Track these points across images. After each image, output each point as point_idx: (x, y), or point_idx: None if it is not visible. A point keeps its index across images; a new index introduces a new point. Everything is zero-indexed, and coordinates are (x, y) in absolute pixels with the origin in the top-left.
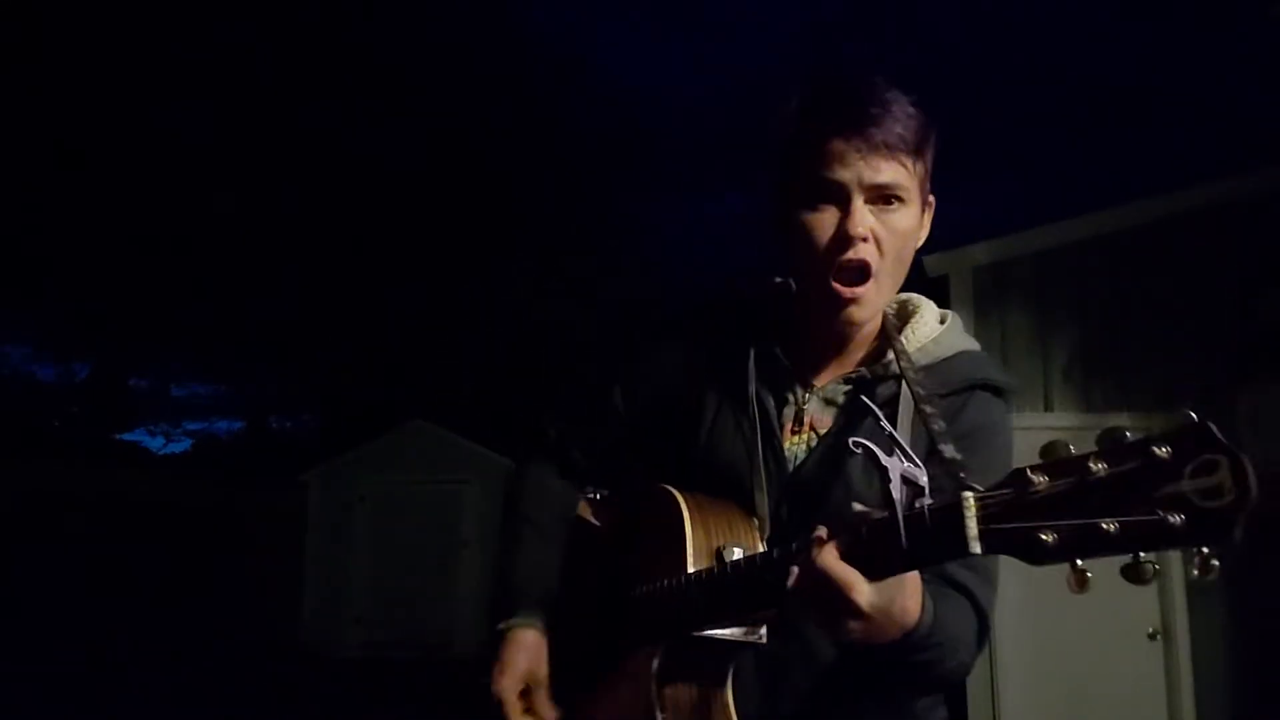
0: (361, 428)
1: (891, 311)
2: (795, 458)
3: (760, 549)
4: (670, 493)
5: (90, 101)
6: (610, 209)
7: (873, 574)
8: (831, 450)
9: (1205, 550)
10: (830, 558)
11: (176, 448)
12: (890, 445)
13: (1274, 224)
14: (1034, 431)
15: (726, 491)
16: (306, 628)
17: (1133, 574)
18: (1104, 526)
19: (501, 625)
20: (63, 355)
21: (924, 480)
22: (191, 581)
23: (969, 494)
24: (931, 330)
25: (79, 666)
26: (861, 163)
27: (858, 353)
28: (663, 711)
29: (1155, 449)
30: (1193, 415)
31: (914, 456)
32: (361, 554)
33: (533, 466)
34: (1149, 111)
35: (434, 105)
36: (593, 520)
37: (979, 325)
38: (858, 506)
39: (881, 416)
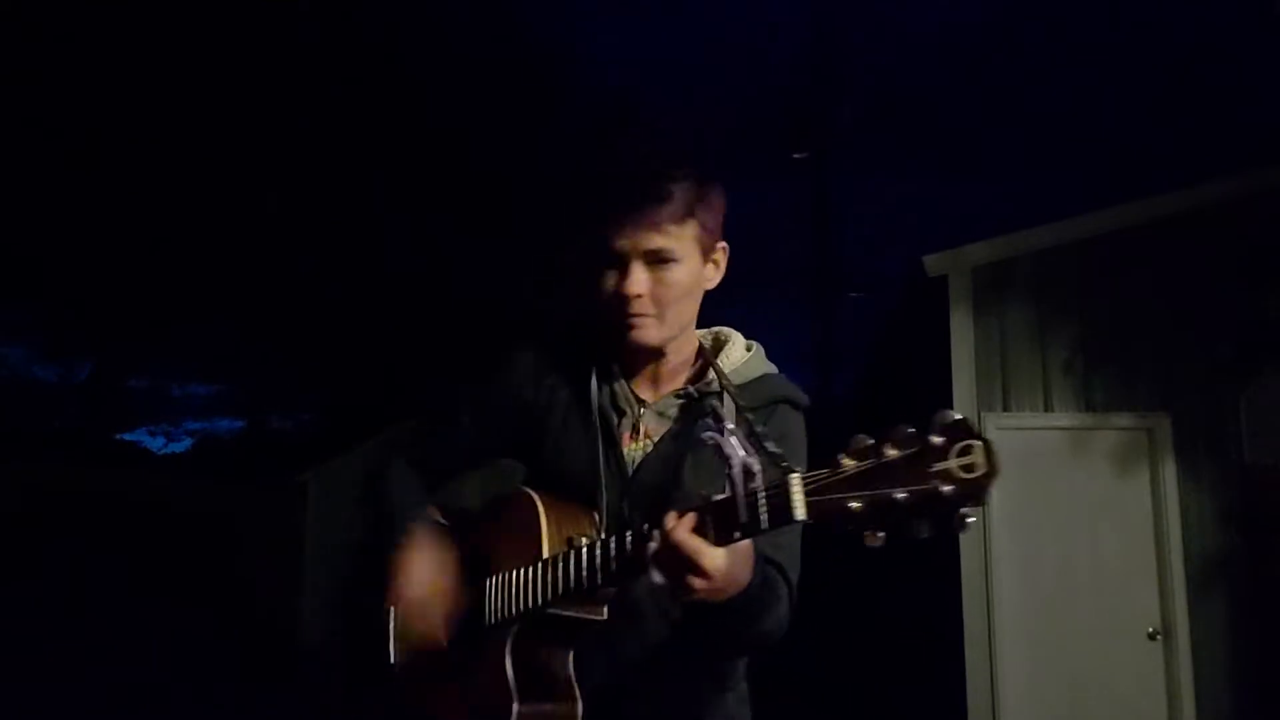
0: (361, 428)
1: (708, 342)
2: (633, 461)
3: (600, 539)
4: (526, 492)
5: (91, 101)
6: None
7: (717, 542)
8: (666, 453)
9: (964, 510)
10: (683, 531)
11: (177, 447)
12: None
13: (1274, 224)
14: (1034, 431)
15: (573, 492)
16: (306, 628)
17: (909, 530)
18: (896, 495)
19: (400, 539)
20: (63, 355)
21: (757, 468)
22: (191, 581)
23: (795, 475)
24: (741, 356)
25: (78, 666)
26: (634, 234)
27: (682, 374)
28: (517, 685)
29: (931, 438)
30: (955, 414)
31: (749, 448)
32: (362, 554)
33: (399, 469)
34: (1149, 111)
35: (433, 105)
36: (446, 522)
37: (979, 325)
38: (701, 491)
39: (724, 416)
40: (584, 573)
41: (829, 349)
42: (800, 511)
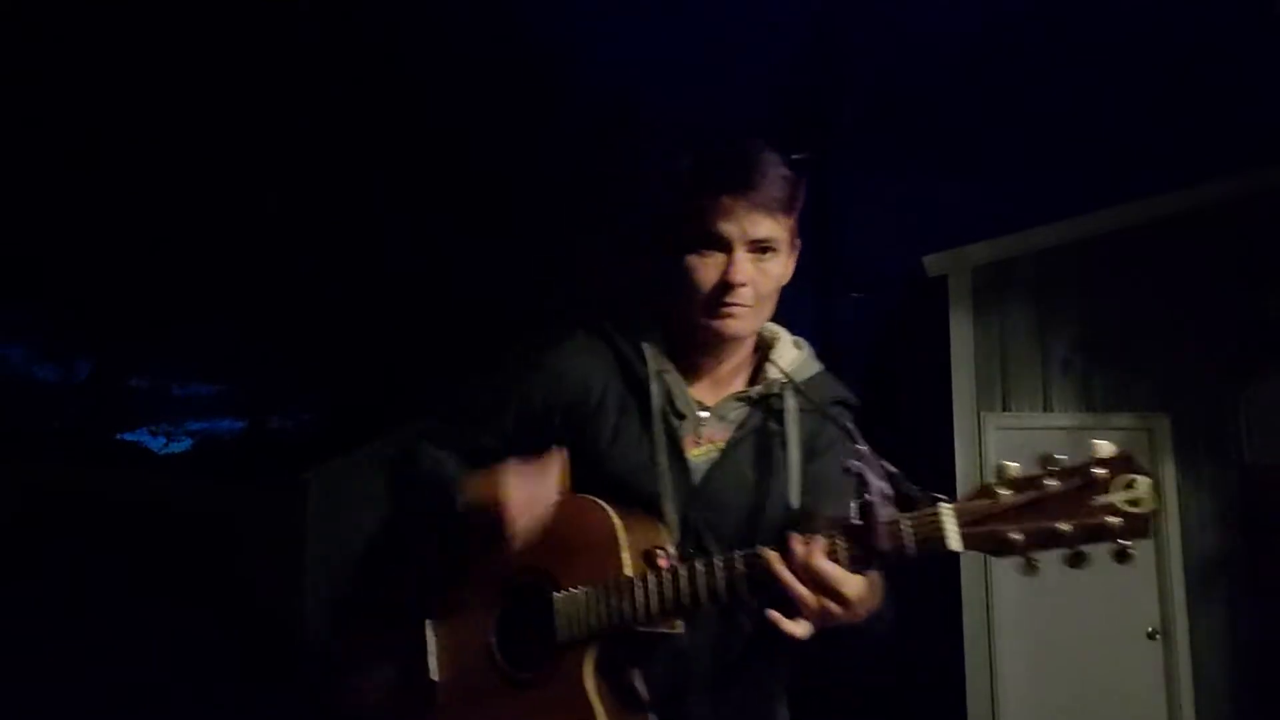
0: (362, 428)
1: (767, 337)
2: (698, 469)
3: (673, 551)
4: (594, 501)
5: (91, 101)
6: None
7: (853, 569)
8: (734, 460)
9: (1127, 544)
10: (821, 557)
11: (178, 447)
12: (780, 452)
13: (1274, 224)
14: (1034, 431)
15: (630, 500)
16: (308, 628)
17: (1076, 561)
18: (1060, 527)
19: (460, 500)
20: (63, 355)
21: (890, 491)
22: (191, 581)
23: (945, 505)
24: (795, 355)
25: (78, 666)
26: (744, 219)
27: (741, 374)
28: (602, 704)
29: (1094, 470)
30: (1114, 448)
31: (885, 470)
32: (364, 554)
33: (422, 447)
34: (1149, 111)
35: (433, 105)
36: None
37: (978, 325)
38: (826, 514)
39: (855, 435)
40: (685, 594)
41: (829, 349)
42: (955, 543)
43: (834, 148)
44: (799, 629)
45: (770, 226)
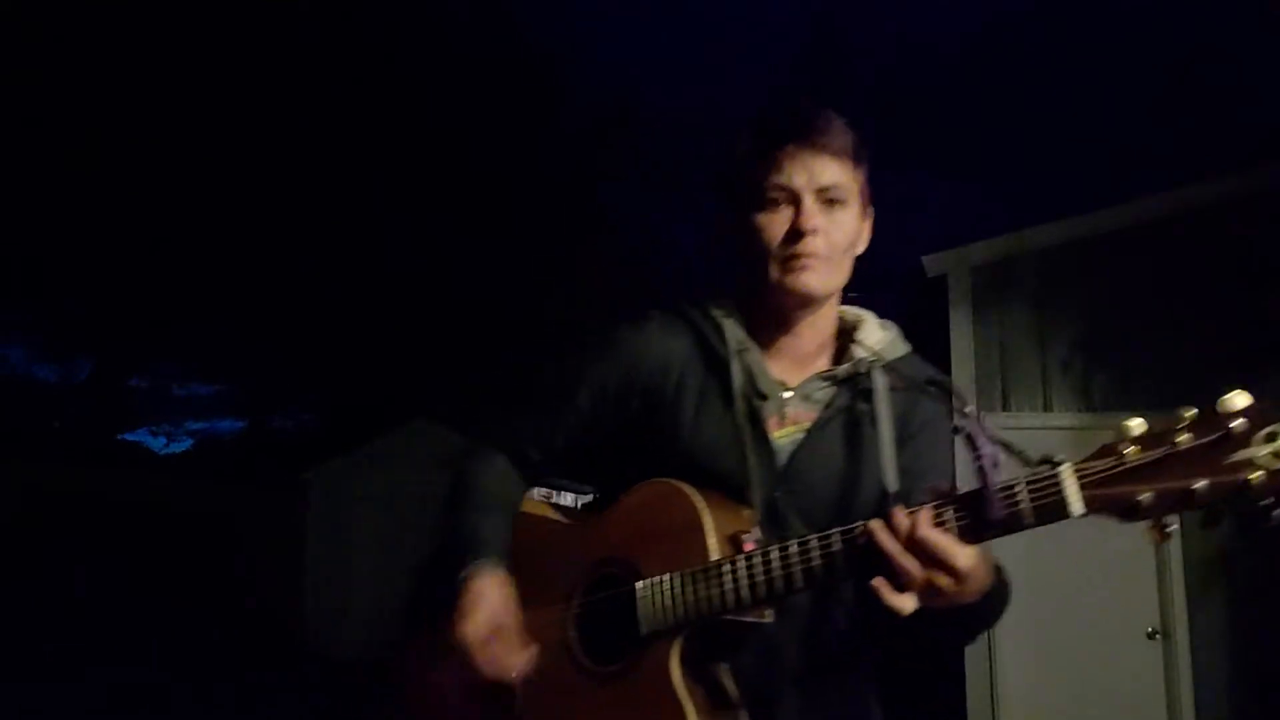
0: (362, 428)
1: (848, 319)
2: (783, 450)
3: (759, 535)
4: (675, 485)
5: (91, 101)
6: (610, 205)
7: (965, 540)
8: (822, 440)
9: (1270, 503)
10: (928, 527)
11: (178, 447)
12: (868, 436)
13: (1275, 223)
14: (1034, 431)
15: (712, 484)
16: (307, 628)
17: (1211, 521)
18: (1195, 486)
19: (464, 572)
20: (63, 355)
21: (1002, 458)
22: (191, 581)
23: (1067, 464)
24: (880, 334)
25: (78, 666)
26: (811, 166)
27: (824, 355)
28: (691, 699)
29: (1231, 422)
30: (1249, 397)
31: (994, 436)
32: (362, 554)
33: (483, 453)
34: (1149, 111)
35: (433, 105)
36: (554, 517)
37: (978, 325)
38: (932, 484)
39: (961, 397)
40: (778, 576)
41: None
42: (1078, 507)
43: None
44: (905, 602)
45: (837, 172)
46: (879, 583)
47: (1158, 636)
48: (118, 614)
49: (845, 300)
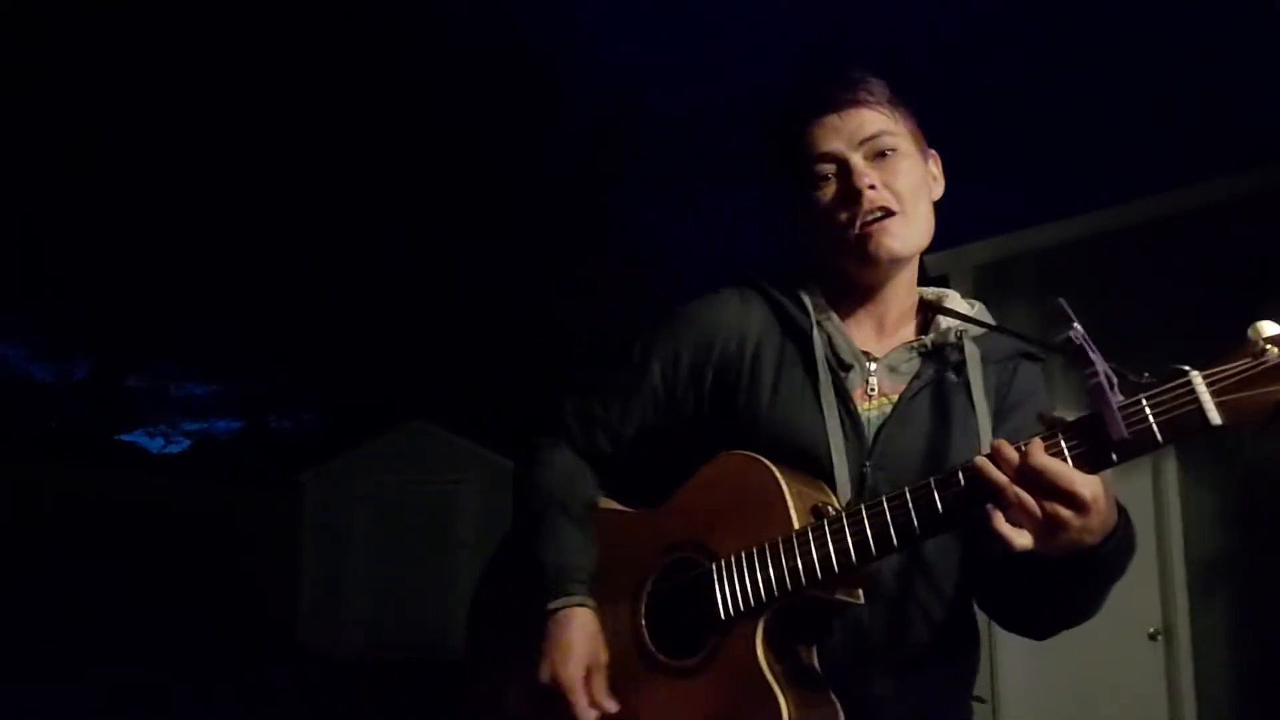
0: (361, 428)
1: (931, 297)
2: (870, 423)
3: (837, 506)
4: (750, 457)
5: (91, 101)
6: (611, 204)
7: (1087, 468)
8: (911, 412)
9: None
10: (1041, 455)
11: (175, 448)
12: (967, 406)
13: (1274, 224)
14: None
15: (795, 460)
16: (305, 628)
17: None
18: None
19: (553, 604)
20: (61, 355)
21: (1115, 377)
22: (191, 580)
23: (1194, 372)
24: (967, 307)
25: (78, 666)
26: (843, 126)
27: (907, 326)
28: (779, 686)
29: None
30: None
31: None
32: (360, 554)
33: (554, 453)
34: (1149, 111)
35: (433, 105)
36: (617, 507)
37: None
38: (1046, 414)
39: (1068, 309)
40: (873, 534)
41: None
42: (1216, 415)
43: None
44: (1022, 538)
45: (876, 119)
46: (994, 515)
47: (1159, 637)
48: (116, 613)
49: None
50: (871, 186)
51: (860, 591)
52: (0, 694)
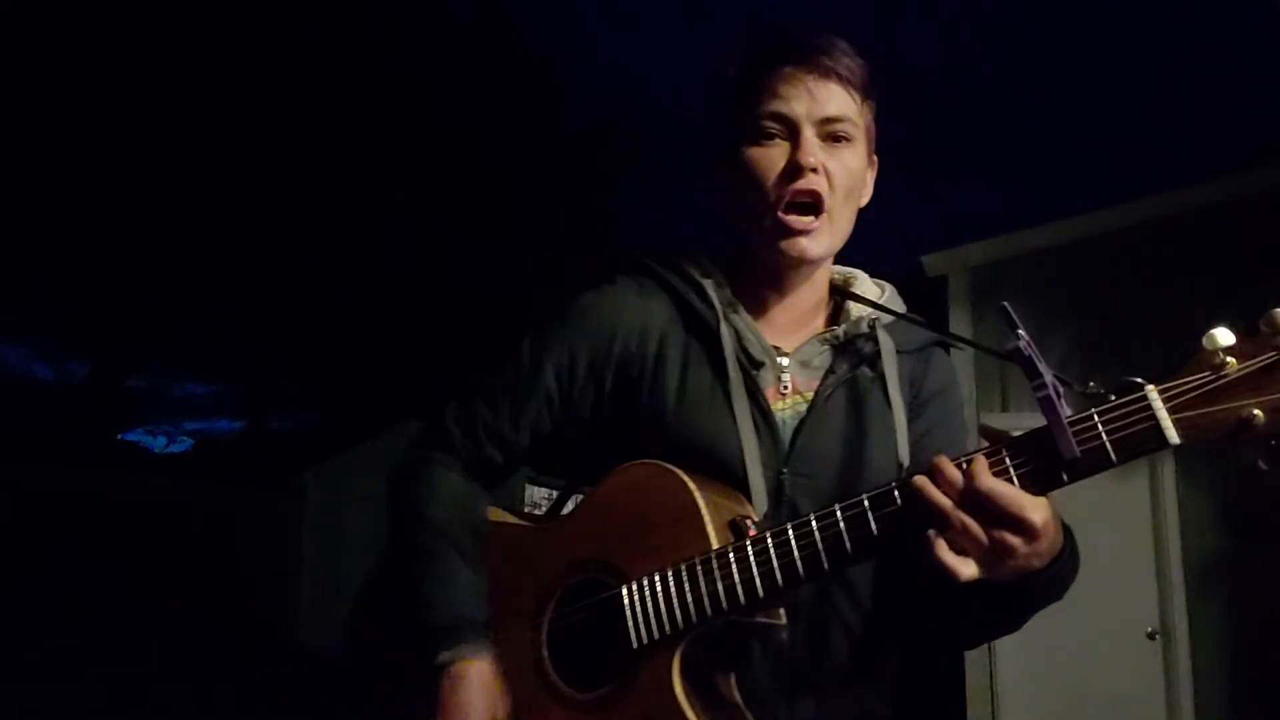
0: (361, 428)
1: (839, 279)
2: (784, 424)
3: (755, 519)
4: (661, 466)
5: (91, 101)
6: (611, 204)
7: (1034, 489)
8: (829, 411)
9: None
10: (989, 478)
11: (176, 448)
12: (883, 401)
13: (1275, 224)
14: None
15: (705, 466)
16: (305, 628)
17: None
18: None
19: (444, 656)
20: (62, 355)
21: (1062, 389)
22: (191, 581)
23: (1150, 386)
24: (877, 291)
25: (77, 666)
26: (811, 93)
27: (819, 316)
28: (694, 713)
29: None
30: None
31: (1050, 370)
32: (359, 554)
33: (441, 474)
34: (1149, 111)
35: (433, 105)
36: (513, 521)
37: (977, 325)
38: (987, 426)
39: (1013, 315)
40: (801, 557)
41: None
42: (1174, 434)
43: None
44: (968, 568)
45: (843, 102)
46: (936, 542)
47: (1157, 637)
48: (116, 614)
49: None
50: (813, 169)
51: (782, 612)
52: (0, 694)
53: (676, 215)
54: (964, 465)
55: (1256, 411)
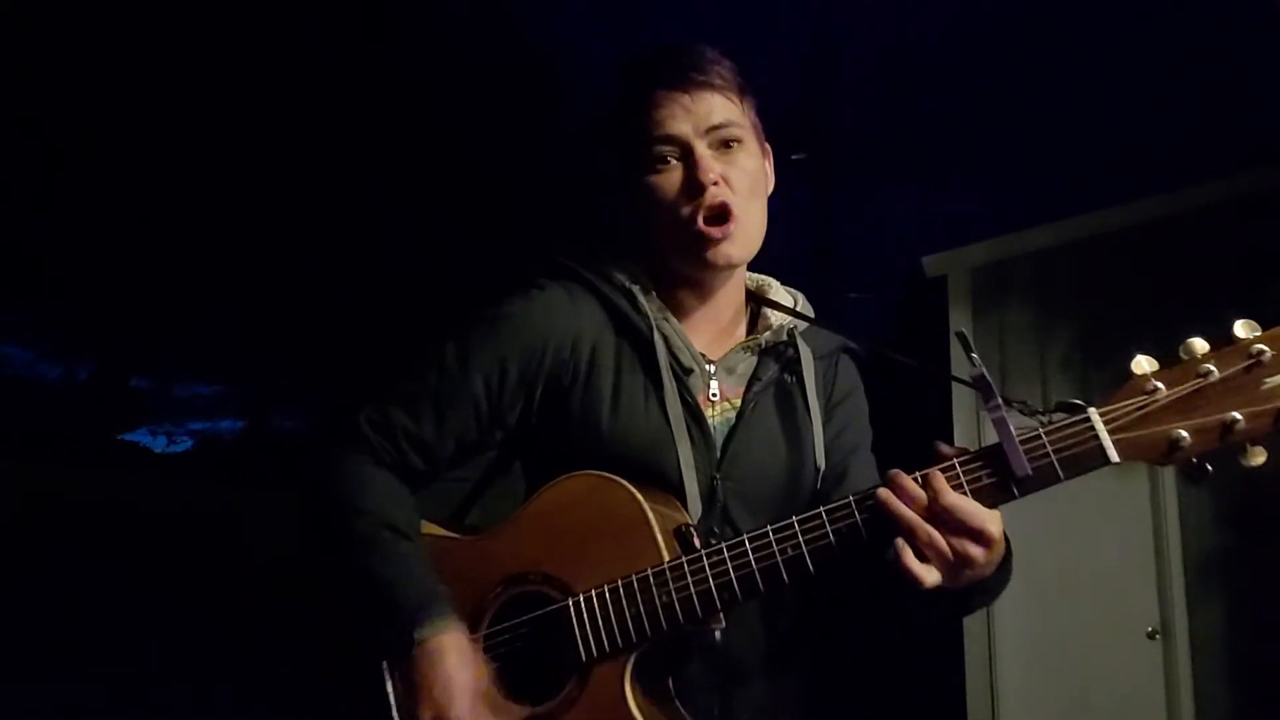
0: None
1: (752, 285)
2: (716, 430)
3: (692, 524)
4: (605, 478)
5: (90, 101)
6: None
7: (987, 502)
8: (758, 417)
9: None
10: (952, 493)
11: (178, 448)
12: (802, 403)
13: (1275, 224)
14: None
15: (640, 474)
16: (305, 628)
17: (1239, 458)
18: (1234, 418)
19: (419, 633)
20: (64, 355)
21: (1007, 412)
22: (192, 581)
23: (1092, 409)
24: (789, 299)
25: (78, 667)
26: (693, 109)
27: (739, 323)
28: (643, 716)
29: (1260, 348)
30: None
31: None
32: None
33: (362, 468)
34: (1149, 111)
35: (433, 105)
36: (441, 533)
37: (977, 325)
38: (942, 446)
39: (966, 339)
40: (763, 571)
41: None
42: (1115, 453)
43: (833, 148)
44: (930, 575)
45: (724, 108)
46: (903, 549)
47: (1157, 636)
48: (117, 614)
49: (843, 301)
50: (715, 183)
51: (721, 616)
52: (0, 694)
53: (615, 188)
54: (919, 480)
55: (1184, 433)
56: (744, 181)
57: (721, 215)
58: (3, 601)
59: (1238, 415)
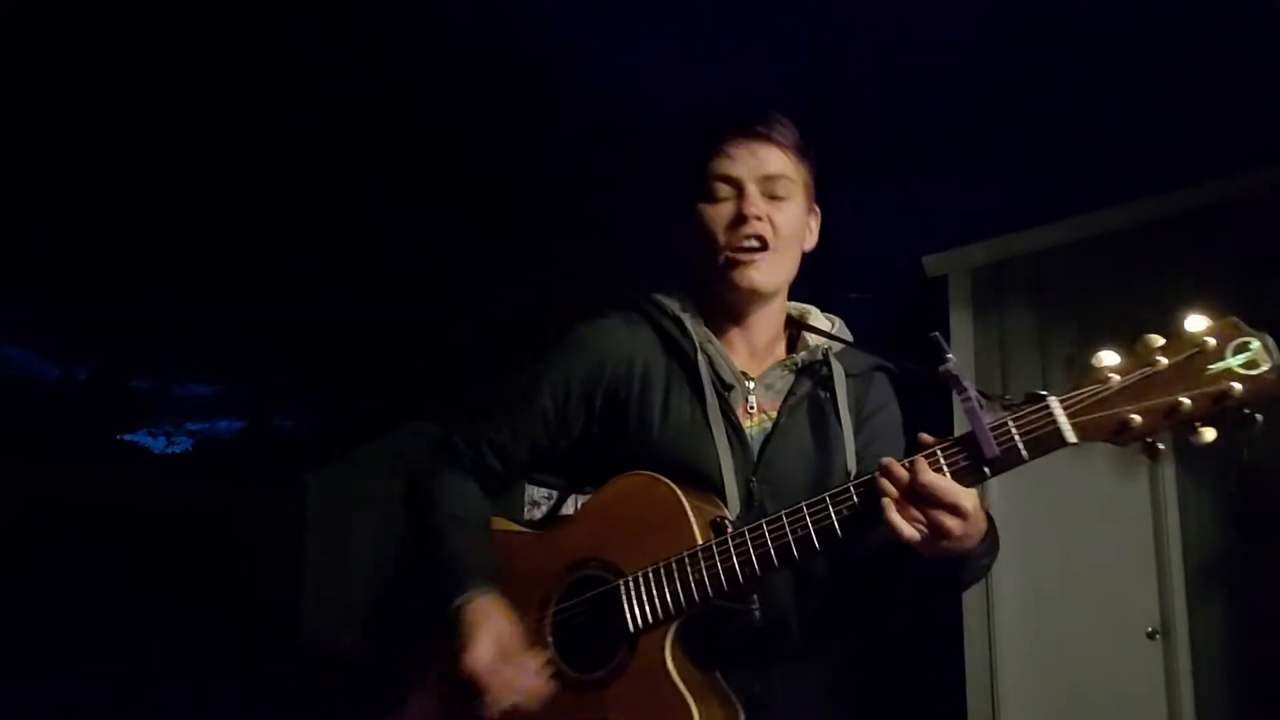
0: (362, 428)
1: (795, 313)
2: (753, 439)
3: (731, 518)
4: (651, 477)
5: (91, 101)
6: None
7: (963, 482)
8: (791, 428)
9: (1254, 412)
10: (929, 473)
11: (178, 448)
12: (832, 419)
13: (1274, 224)
14: None
15: (686, 477)
16: (305, 628)
17: (1197, 436)
18: (1180, 400)
19: (458, 600)
20: (65, 356)
21: (984, 403)
22: (191, 581)
23: (1051, 397)
24: (827, 324)
25: (79, 667)
26: (752, 157)
27: (777, 346)
28: (688, 688)
29: (1204, 339)
30: (1207, 315)
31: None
32: (361, 555)
33: (445, 473)
34: (1149, 111)
35: (433, 105)
36: (516, 529)
37: (978, 326)
38: (924, 436)
39: (942, 343)
40: (775, 547)
41: None
42: (1071, 434)
43: (833, 148)
44: (908, 530)
45: (781, 161)
46: (890, 510)
47: (1158, 636)
48: (117, 614)
49: (846, 300)
50: (758, 217)
51: (755, 598)
52: (0, 694)
53: (676, 215)
54: (907, 464)
55: (1135, 415)
56: (786, 226)
57: (757, 244)
58: (3, 601)
59: (1183, 399)
